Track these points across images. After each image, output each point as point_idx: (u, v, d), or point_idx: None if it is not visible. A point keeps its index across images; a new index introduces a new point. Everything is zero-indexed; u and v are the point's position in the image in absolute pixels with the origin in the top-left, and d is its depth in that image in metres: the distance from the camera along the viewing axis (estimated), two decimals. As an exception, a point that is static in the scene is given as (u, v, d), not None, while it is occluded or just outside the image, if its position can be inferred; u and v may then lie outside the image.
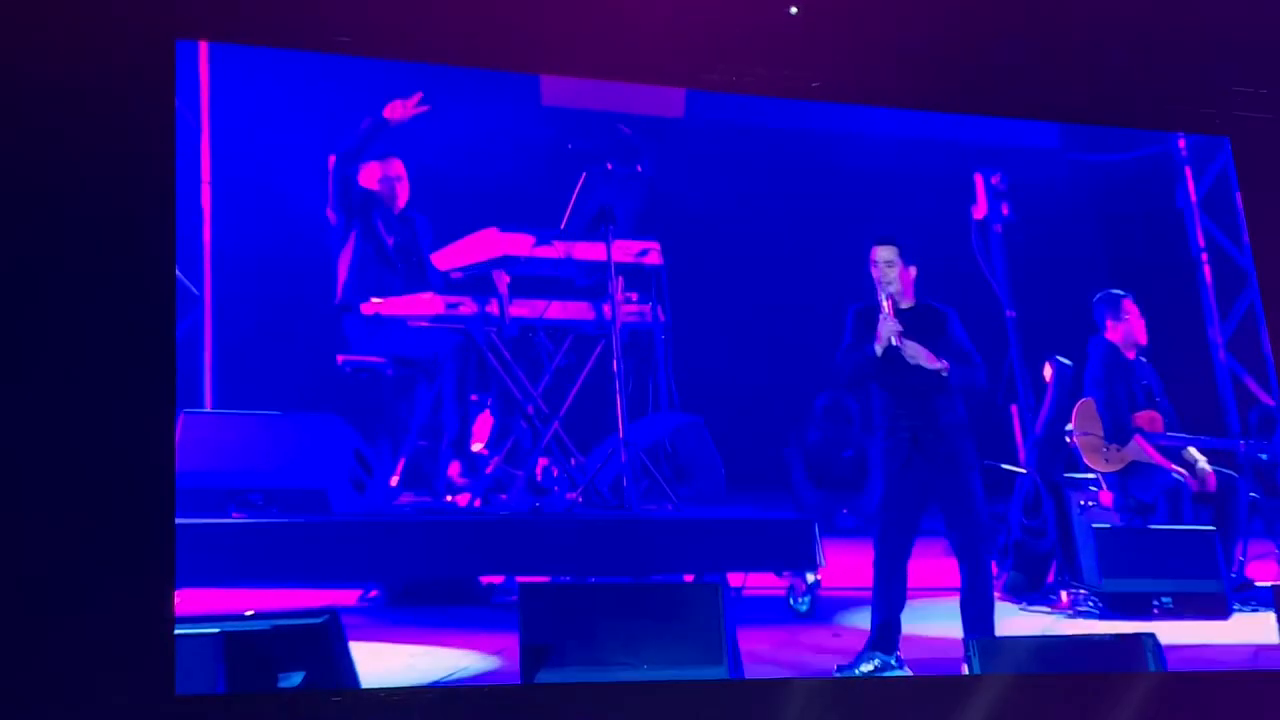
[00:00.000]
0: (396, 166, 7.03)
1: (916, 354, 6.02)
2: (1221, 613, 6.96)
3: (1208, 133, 8.12)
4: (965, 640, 5.73)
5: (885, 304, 6.07)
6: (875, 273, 6.14)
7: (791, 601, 6.68)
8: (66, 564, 4.90)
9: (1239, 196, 8.85)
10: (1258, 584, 7.31)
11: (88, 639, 4.86)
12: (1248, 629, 6.87)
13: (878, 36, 6.51)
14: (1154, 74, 6.80)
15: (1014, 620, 6.85)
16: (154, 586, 4.96)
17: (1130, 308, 7.68)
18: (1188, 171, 8.95)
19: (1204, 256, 8.90)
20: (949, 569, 6.20)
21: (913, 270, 6.18)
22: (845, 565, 7.23)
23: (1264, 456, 7.69)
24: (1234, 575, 7.23)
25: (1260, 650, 6.58)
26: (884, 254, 6.13)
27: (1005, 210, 7.76)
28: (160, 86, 5.35)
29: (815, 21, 6.45)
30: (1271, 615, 6.48)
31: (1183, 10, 6.69)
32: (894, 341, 6.01)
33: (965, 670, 5.53)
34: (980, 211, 7.75)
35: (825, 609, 6.76)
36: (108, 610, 4.89)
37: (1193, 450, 7.49)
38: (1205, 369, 8.70)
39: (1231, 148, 7.79)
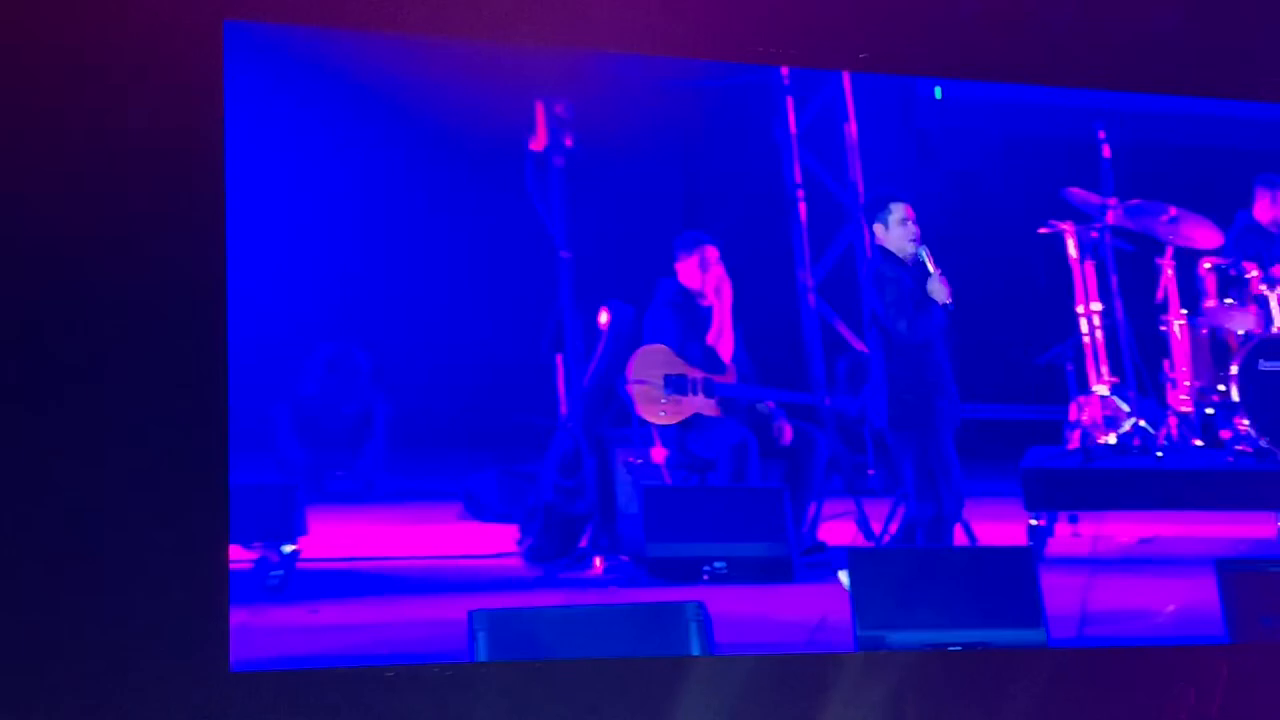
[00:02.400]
0: None
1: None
2: (785, 577, 7.08)
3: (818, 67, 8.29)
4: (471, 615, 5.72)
5: (931, 261, 6.89)
6: (906, 230, 6.96)
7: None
8: (122, 542, 5.34)
9: (850, 129, 9.12)
10: (830, 546, 7.48)
11: (143, 616, 5.31)
12: (816, 596, 7.00)
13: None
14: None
15: (537, 594, 6.88)
16: (209, 560, 5.44)
17: (710, 252, 7.77)
18: (789, 102, 9.09)
19: (800, 193, 9.09)
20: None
21: None
22: (333, 535, 7.13)
23: (850, 411, 7.88)
24: (804, 537, 7.37)
25: (825, 620, 6.74)
26: (908, 211, 7.01)
27: (569, 142, 7.76)
28: (208, 68, 5.65)
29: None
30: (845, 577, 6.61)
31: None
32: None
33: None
34: (539, 143, 7.73)
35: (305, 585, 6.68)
36: (164, 588, 5.34)
37: (768, 403, 7.63)
38: (791, 315, 8.88)
39: (847, 80, 7.98)
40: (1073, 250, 8.68)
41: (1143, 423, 8.33)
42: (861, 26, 6.43)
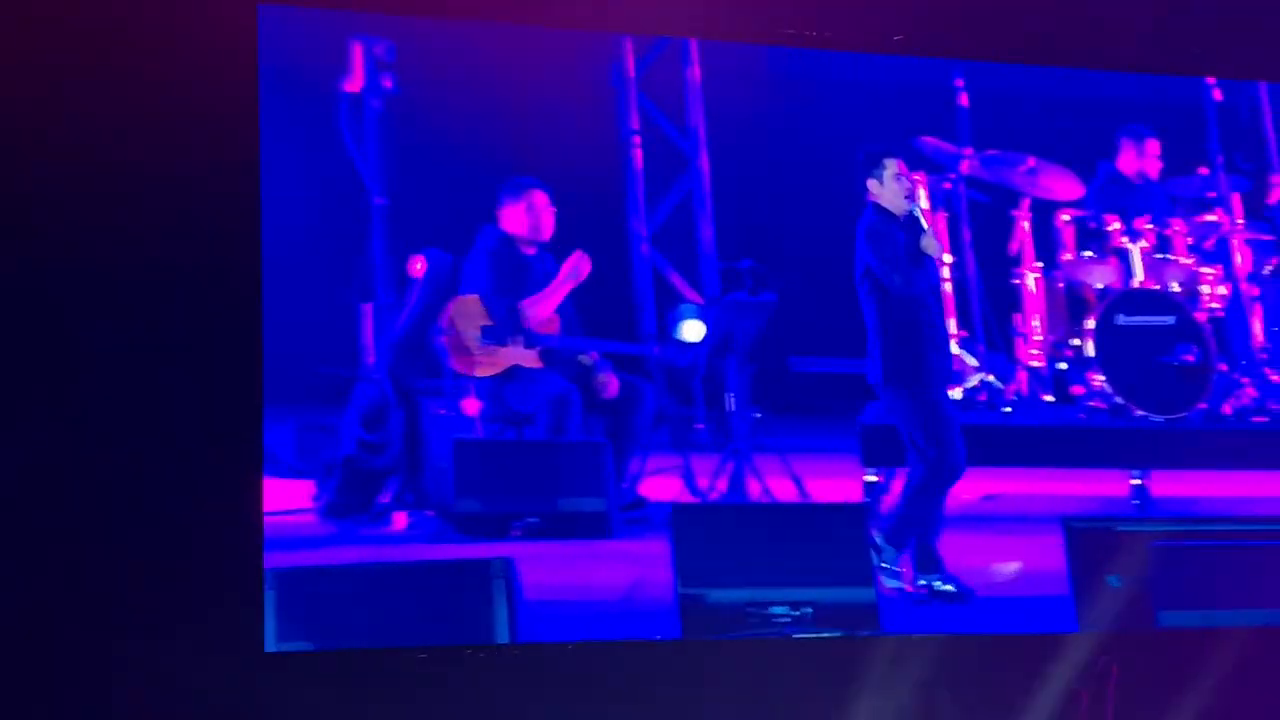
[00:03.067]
0: None
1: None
2: (603, 533, 7.00)
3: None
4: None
5: (925, 216, 7.11)
6: (901, 185, 7.03)
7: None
8: (157, 520, 5.62)
9: (693, 73, 9.02)
10: (652, 502, 7.42)
11: (179, 597, 5.60)
12: (634, 553, 6.97)
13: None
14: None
15: (332, 551, 6.81)
16: (245, 541, 5.74)
17: (538, 197, 7.68)
18: (628, 44, 8.96)
19: (636, 139, 8.98)
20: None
21: None
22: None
23: (681, 363, 7.81)
24: (625, 493, 7.30)
25: (643, 578, 6.69)
26: (901, 166, 7.09)
27: (388, 83, 7.64)
28: (243, 51, 5.96)
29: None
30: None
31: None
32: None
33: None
34: (355, 84, 7.61)
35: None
36: (199, 568, 5.63)
37: (592, 355, 7.54)
38: (622, 264, 8.78)
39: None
40: (923, 201, 8.61)
41: (991, 377, 8.32)
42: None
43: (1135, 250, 8.56)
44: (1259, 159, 9.47)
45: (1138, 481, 7.98)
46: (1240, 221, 9.08)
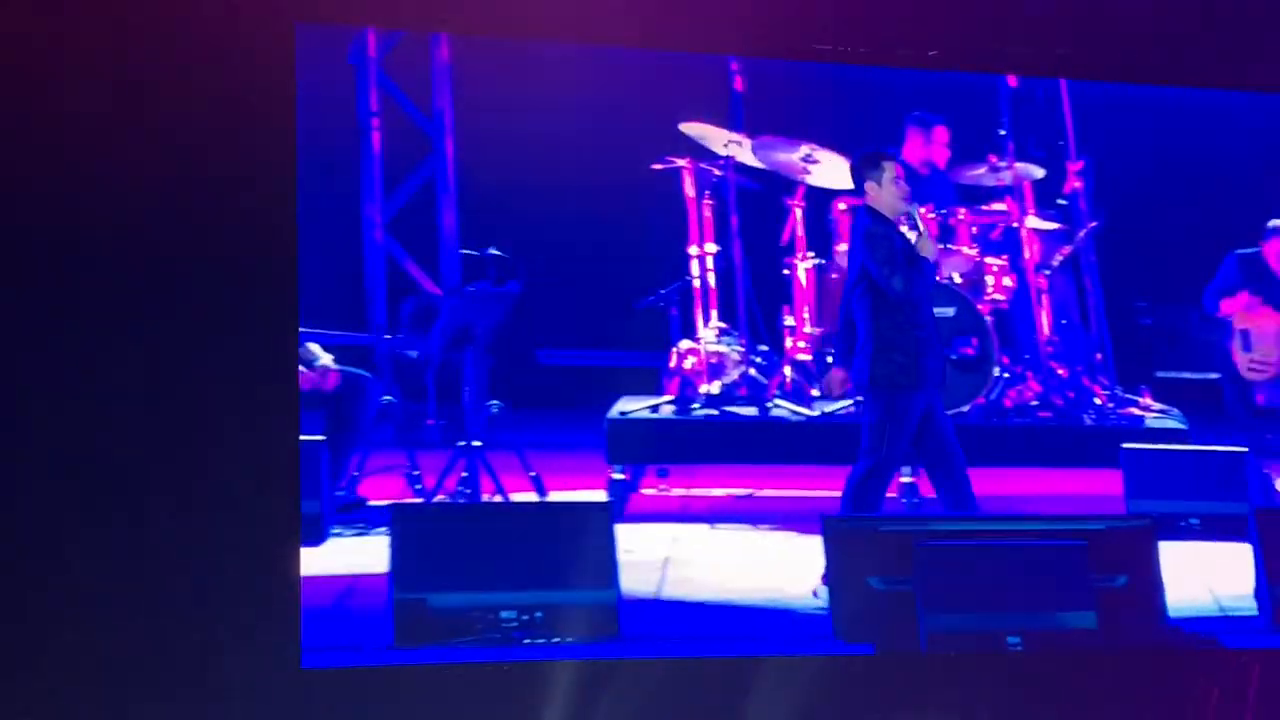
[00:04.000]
0: None
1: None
2: (314, 537, 6.80)
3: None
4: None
5: (921, 218, 7.09)
6: (899, 188, 7.01)
7: None
8: (195, 536, 5.79)
9: (441, 54, 8.89)
10: (371, 503, 7.28)
11: (216, 613, 5.78)
12: (351, 556, 6.84)
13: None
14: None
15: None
16: (280, 559, 5.92)
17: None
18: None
19: (375, 122, 8.80)
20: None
21: None
22: None
23: (413, 354, 7.64)
24: (340, 493, 7.14)
25: (356, 582, 6.57)
26: (898, 169, 7.10)
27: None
28: (280, 69, 6.14)
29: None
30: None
31: None
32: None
33: None
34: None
35: None
36: (236, 584, 5.80)
37: (313, 346, 7.34)
38: (355, 251, 8.61)
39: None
40: (690, 188, 8.55)
41: (753, 371, 8.24)
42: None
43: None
44: (1054, 147, 9.52)
45: (908, 479, 7.89)
46: (1031, 211, 9.13)
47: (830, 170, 8.65)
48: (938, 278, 7.86)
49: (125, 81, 5.88)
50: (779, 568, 7.10)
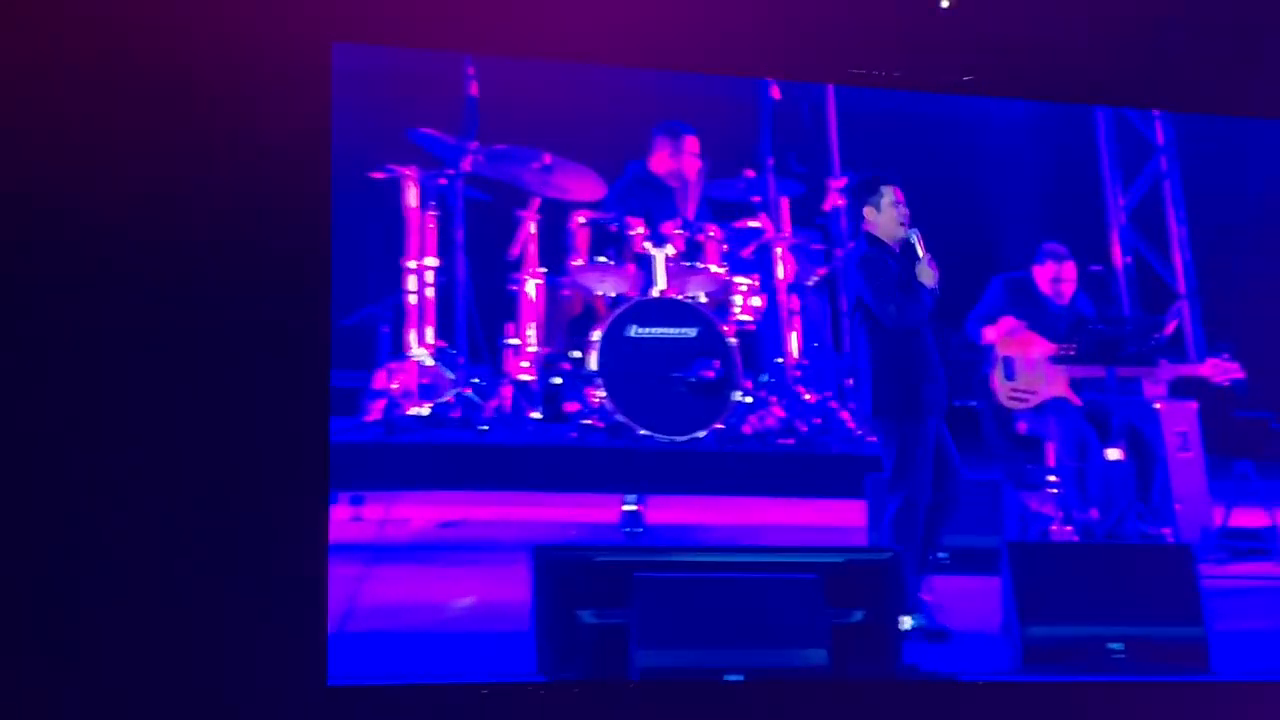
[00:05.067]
0: None
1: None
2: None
3: None
4: None
5: (920, 244, 7.13)
6: (899, 213, 7.12)
7: None
8: (222, 551, 6.08)
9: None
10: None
11: (243, 632, 6.03)
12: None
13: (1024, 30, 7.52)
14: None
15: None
16: (308, 576, 6.23)
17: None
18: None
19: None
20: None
21: None
22: None
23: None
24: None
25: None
26: (898, 193, 7.19)
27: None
28: (317, 88, 6.55)
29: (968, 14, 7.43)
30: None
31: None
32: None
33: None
34: None
35: None
36: (263, 602, 6.07)
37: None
38: None
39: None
40: (412, 199, 8.26)
41: (469, 392, 8.01)
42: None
43: (659, 256, 8.29)
44: (817, 162, 9.37)
45: (632, 507, 7.67)
46: (785, 229, 8.97)
47: (567, 181, 8.44)
48: (675, 295, 7.71)
49: (170, 97, 6.24)
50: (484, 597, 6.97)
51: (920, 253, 7.13)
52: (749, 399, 8.32)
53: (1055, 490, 8.47)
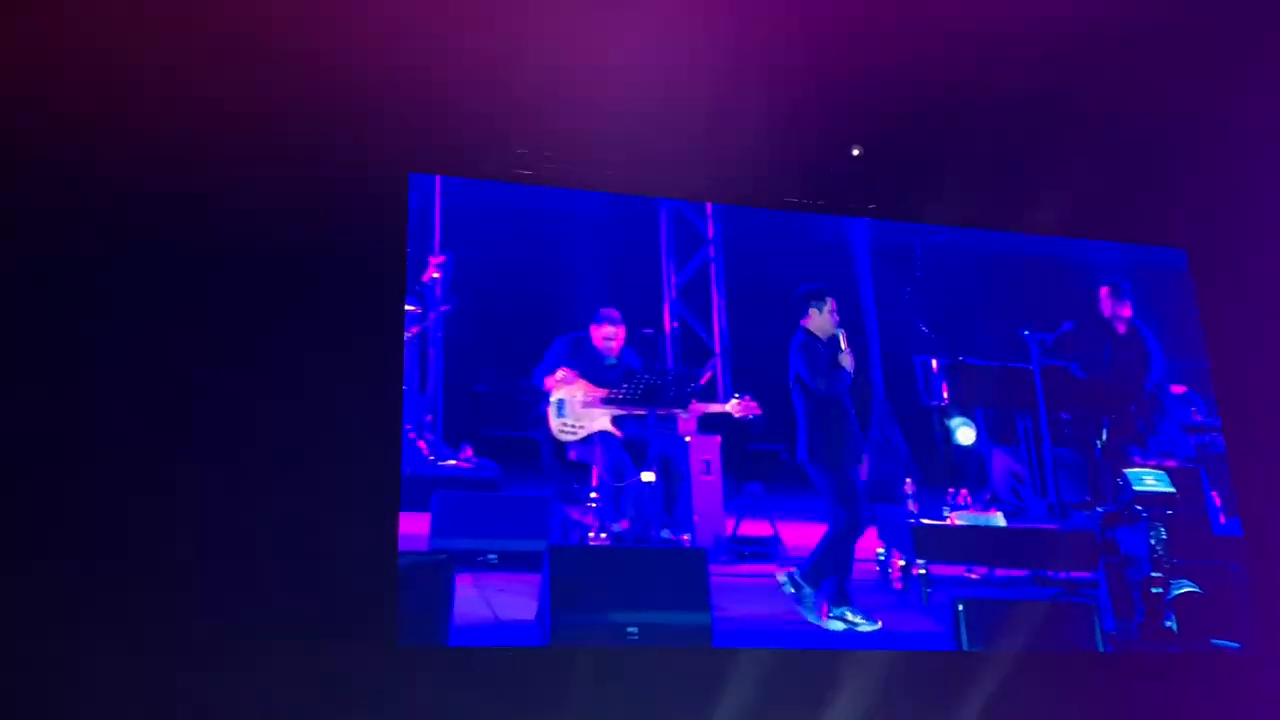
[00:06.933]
0: None
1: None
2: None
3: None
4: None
5: (844, 339, 9.66)
6: (832, 317, 9.65)
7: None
8: (298, 518, 7.09)
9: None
10: None
11: (320, 594, 6.96)
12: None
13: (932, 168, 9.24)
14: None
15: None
16: (383, 533, 7.20)
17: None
18: None
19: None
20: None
21: None
22: None
23: None
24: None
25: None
26: (833, 304, 9.69)
27: None
28: (395, 215, 7.59)
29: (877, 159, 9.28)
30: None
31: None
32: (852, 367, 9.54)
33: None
34: None
35: None
36: (336, 561, 7.02)
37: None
38: None
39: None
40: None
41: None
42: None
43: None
44: (420, 241, 10.21)
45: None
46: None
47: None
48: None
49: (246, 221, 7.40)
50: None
51: (843, 345, 9.63)
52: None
53: (594, 505, 9.81)
